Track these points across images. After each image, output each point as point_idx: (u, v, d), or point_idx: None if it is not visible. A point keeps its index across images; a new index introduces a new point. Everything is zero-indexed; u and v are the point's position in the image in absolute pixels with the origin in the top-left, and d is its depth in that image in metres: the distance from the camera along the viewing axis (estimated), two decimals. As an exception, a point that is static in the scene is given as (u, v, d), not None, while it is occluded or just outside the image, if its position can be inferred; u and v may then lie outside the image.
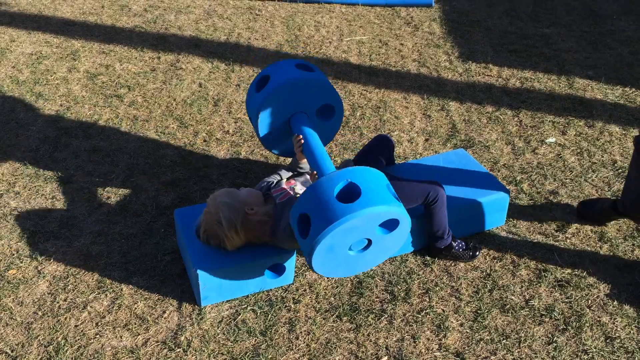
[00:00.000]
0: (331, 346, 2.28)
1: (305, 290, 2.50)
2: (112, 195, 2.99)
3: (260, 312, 2.40)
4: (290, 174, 2.63)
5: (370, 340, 2.31)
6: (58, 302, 2.42)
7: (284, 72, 2.51)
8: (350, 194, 2.04)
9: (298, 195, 2.45)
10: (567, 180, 3.15)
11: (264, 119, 2.53)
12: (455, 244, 2.60)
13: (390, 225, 2.12)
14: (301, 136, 2.48)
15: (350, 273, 2.27)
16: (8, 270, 2.56)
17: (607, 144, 3.44)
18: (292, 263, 2.47)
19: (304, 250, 2.10)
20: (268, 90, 2.48)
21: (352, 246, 2.13)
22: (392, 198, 2.07)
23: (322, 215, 2.00)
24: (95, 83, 3.93)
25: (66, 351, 2.24)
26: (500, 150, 3.37)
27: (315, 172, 2.39)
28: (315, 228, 2.01)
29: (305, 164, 2.60)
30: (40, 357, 2.22)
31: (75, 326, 2.33)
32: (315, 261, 2.08)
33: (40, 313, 2.38)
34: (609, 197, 2.95)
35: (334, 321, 2.38)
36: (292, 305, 2.43)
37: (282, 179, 2.60)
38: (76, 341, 2.27)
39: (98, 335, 2.30)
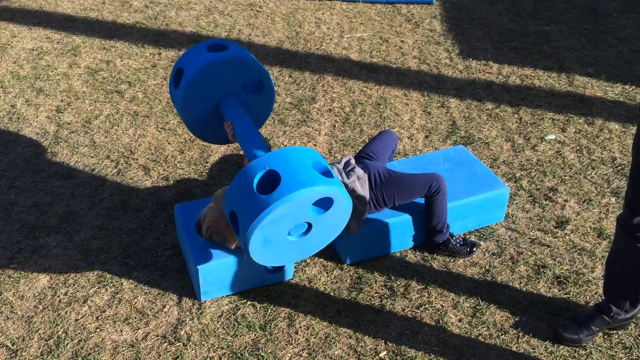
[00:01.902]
0: (330, 341, 2.29)
1: (304, 285, 2.51)
2: (112, 190, 3.00)
3: (260, 307, 2.41)
4: None
5: (370, 335, 2.32)
6: (58, 296, 2.43)
7: (195, 60, 2.36)
8: (272, 181, 1.94)
9: None
10: (566, 177, 3.16)
11: (192, 113, 2.40)
12: (452, 239, 2.61)
13: (324, 204, 2.01)
14: (230, 122, 2.39)
15: (303, 256, 2.17)
16: (9, 265, 2.57)
17: (607, 141, 3.44)
18: (291, 258, 2.48)
19: (242, 246, 2.04)
20: (184, 84, 2.35)
21: (291, 232, 2.04)
22: (318, 177, 1.93)
23: (246, 210, 1.91)
24: (96, 79, 3.93)
25: (66, 345, 2.25)
26: (500, 147, 3.38)
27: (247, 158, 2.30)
28: (242, 224, 1.93)
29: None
30: (40, 350, 2.23)
31: (76, 320, 2.34)
32: (254, 255, 2.00)
33: (40, 307, 2.39)
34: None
35: (333, 316, 2.39)
36: (292, 300, 2.44)
37: None
38: (76, 335, 2.29)
39: (98, 329, 2.31)
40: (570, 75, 4.07)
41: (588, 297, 2.49)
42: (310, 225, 2.04)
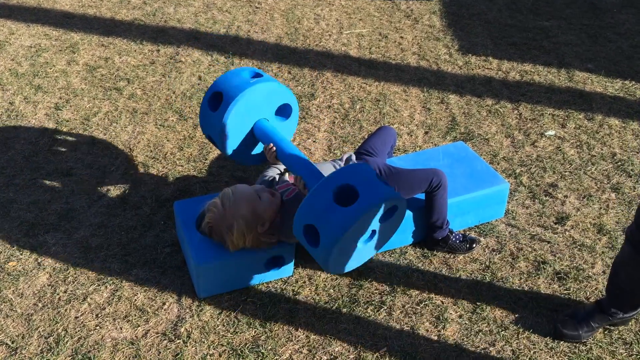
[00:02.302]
0: (330, 337, 2.29)
1: (304, 282, 2.51)
2: (111, 187, 2.99)
3: (260, 304, 2.41)
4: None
5: (370, 332, 2.31)
6: (58, 294, 2.43)
7: (236, 85, 2.47)
8: (347, 194, 2.06)
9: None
10: (566, 173, 3.15)
11: (231, 136, 2.50)
12: (452, 236, 2.61)
13: (390, 212, 2.14)
14: (272, 144, 2.45)
15: (362, 261, 2.27)
16: (8, 262, 2.57)
17: (607, 136, 3.44)
18: (291, 255, 2.47)
19: (317, 258, 2.12)
20: (227, 107, 2.43)
21: (360, 240, 2.15)
22: (387, 187, 2.09)
23: (330, 223, 2.01)
24: (94, 76, 3.92)
25: (66, 342, 2.24)
26: (500, 143, 3.37)
27: (298, 176, 2.35)
28: (325, 237, 2.02)
29: (280, 164, 2.58)
30: (40, 348, 2.22)
31: (76, 318, 2.34)
32: (332, 266, 2.11)
33: (40, 305, 2.39)
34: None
35: (333, 313, 2.38)
36: (292, 297, 2.44)
37: (283, 173, 2.59)
38: (76, 333, 2.28)
39: (98, 327, 2.30)
40: (570, 71, 4.06)
41: (588, 293, 2.49)
42: (374, 233, 2.15)
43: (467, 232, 2.75)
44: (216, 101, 2.52)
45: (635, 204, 2.96)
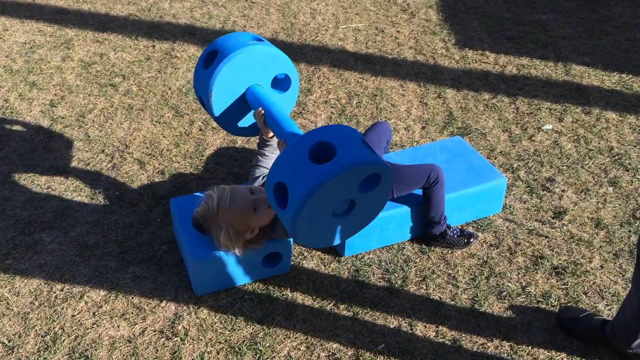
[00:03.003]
0: (328, 334, 2.28)
1: (302, 279, 2.50)
2: (107, 184, 2.98)
3: (258, 301, 2.40)
4: (272, 159, 2.58)
5: (368, 328, 2.31)
6: (55, 292, 2.42)
7: (233, 45, 2.35)
8: (324, 153, 1.89)
9: None
10: (563, 167, 3.15)
11: (218, 97, 2.39)
12: (449, 231, 2.61)
13: (371, 181, 1.98)
14: (261, 108, 2.37)
15: (338, 239, 2.11)
16: (4, 261, 2.55)
17: (604, 130, 3.43)
18: (289, 252, 2.47)
19: (285, 222, 1.95)
20: (219, 64, 2.32)
21: (335, 210, 1.99)
22: (370, 152, 1.91)
23: (299, 180, 1.84)
24: (89, 72, 3.90)
25: (63, 341, 2.23)
26: (497, 137, 3.36)
27: (283, 139, 2.25)
28: (293, 196, 1.86)
29: (273, 139, 2.49)
30: (37, 347, 2.22)
31: (72, 316, 2.33)
32: (299, 232, 1.93)
33: (37, 303, 2.38)
34: (599, 314, 2.33)
35: (331, 309, 2.38)
36: (290, 294, 2.43)
37: None
38: (73, 331, 2.27)
39: (95, 325, 2.30)
40: (567, 65, 4.05)
41: (586, 288, 2.49)
42: (353, 204, 1.98)
43: (465, 227, 2.75)
44: (211, 60, 2.42)
45: (633, 197, 2.96)
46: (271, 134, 2.45)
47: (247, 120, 2.58)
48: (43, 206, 2.84)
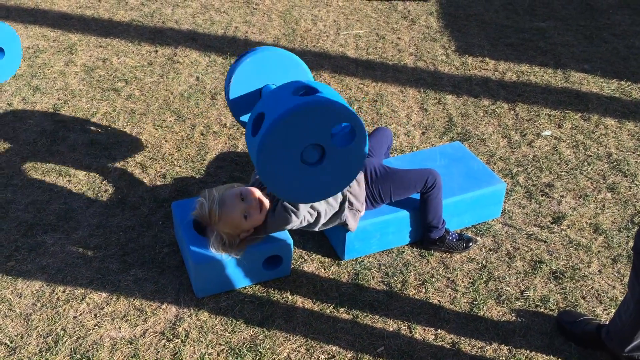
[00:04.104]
0: (328, 336, 2.30)
1: (302, 281, 2.52)
2: (109, 188, 3.00)
3: (258, 304, 2.42)
4: None
5: (367, 331, 2.33)
6: (57, 294, 2.44)
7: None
8: (309, 93, 1.97)
9: None
10: (562, 173, 3.17)
11: (237, 82, 2.46)
12: (448, 235, 2.63)
13: (346, 135, 1.96)
14: None
15: (306, 198, 2.05)
16: (7, 262, 2.57)
17: (603, 137, 3.46)
18: (289, 255, 2.48)
19: (253, 152, 1.92)
20: (248, 54, 2.39)
21: (304, 155, 1.94)
22: (348, 106, 1.94)
23: (276, 107, 1.88)
24: (92, 77, 3.93)
25: (65, 342, 2.25)
26: (497, 143, 3.39)
27: None
28: (266, 121, 1.87)
29: None
30: (39, 347, 2.23)
31: (74, 317, 2.35)
32: (264, 164, 1.89)
33: (39, 304, 2.40)
34: (597, 319, 2.34)
35: (331, 312, 2.39)
36: (290, 297, 2.45)
37: None
38: (75, 332, 2.29)
39: (97, 327, 2.31)
40: (566, 72, 4.08)
41: (584, 292, 2.50)
42: (323, 154, 1.95)
43: (464, 232, 2.77)
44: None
45: (631, 203, 2.98)
46: None
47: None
48: (46, 209, 2.86)
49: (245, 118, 2.63)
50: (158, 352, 2.23)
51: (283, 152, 1.91)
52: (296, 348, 2.26)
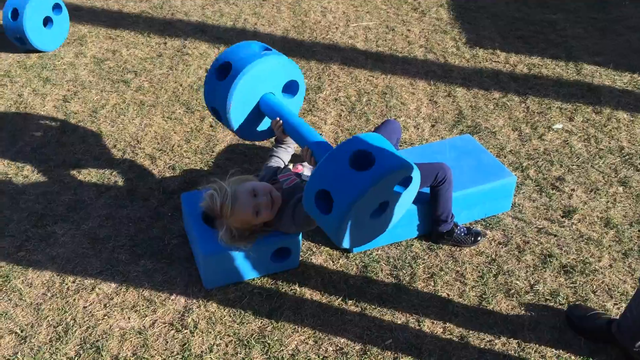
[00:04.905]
0: (336, 329, 2.30)
1: (310, 273, 2.52)
2: (119, 179, 3.01)
3: (266, 295, 2.42)
4: (289, 155, 2.63)
5: (375, 324, 2.32)
6: (67, 284, 2.45)
7: (246, 57, 2.42)
8: (363, 160, 2.02)
9: (306, 181, 2.45)
10: (573, 167, 3.14)
11: (236, 108, 2.45)
12: (457, 229, 2.61)
13: (404, 183, 2.11)
14: (278, 118, 2.43)
15: (373, 237, 2.23)
16: (17, 252, 2.59)
17: (615, 130, 3.42)
18: (297, 247, 2.48)
19: (328, 227, 2.05)
20: (236, 77, 2.38)
21: (372, 212, 2.10)
22: (402, 157, 2.05)
23: (345, 186, 1.96)
24: (102, 68, 3.93)
25: (75, 332, 2.27)
26: (507, 136, 3.36)
27: (306, 147, 2.31)
28: (339, 202, 1.97)
29: (288, 140, 2.57)
30: (49, 337, 2.25)
31: (84, 307, 2.36)
32: (342, 236, 2.04)
33: (49, 294, 2.41)
34: (608, 313, 2.34)
35: (339, 304, 2.39)
36: (298, 289, 2.45)
37: (287, 164, 2.60)
38: (85, 322, 2.30)
39: (106, 317, 2.33)
40: (578, 64, 4.04)
41: (595, 287, 2.48)
42: (387, 204, 2.10)
43: (473, 225, 2.76)
44: (224, 71, 2.46)
45: (643, 197, 2.95)
46: (287, 138, 2.53)
47: (261, 126, 2.63)
48: (56, 199, 2.88)
49: (254, 129, 2.62)
50: (167, 342, 2.24)
51: (356, 222, 2.04)
52: (304, 340, 2.26)
